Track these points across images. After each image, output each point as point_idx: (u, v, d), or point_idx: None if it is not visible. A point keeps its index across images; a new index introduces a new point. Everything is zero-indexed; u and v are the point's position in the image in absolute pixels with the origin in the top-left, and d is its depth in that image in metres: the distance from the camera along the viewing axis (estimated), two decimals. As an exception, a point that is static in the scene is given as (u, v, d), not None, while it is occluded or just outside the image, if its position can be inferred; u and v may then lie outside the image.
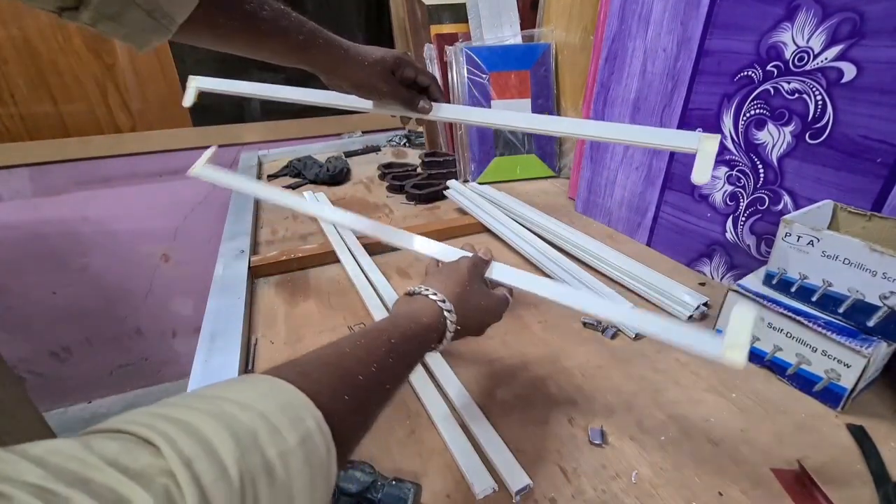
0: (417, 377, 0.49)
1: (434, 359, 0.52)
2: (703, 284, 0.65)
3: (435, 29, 1.14)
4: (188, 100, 0.69)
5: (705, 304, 0.59)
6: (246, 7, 0.43)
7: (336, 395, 0.26)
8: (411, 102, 0.55)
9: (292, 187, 1.10)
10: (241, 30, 0.45)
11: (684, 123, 0.66)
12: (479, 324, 0.41)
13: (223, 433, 0.19)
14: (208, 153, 0.61)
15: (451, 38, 1.11)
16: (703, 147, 0.41)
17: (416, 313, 0.36)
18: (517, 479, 0.38)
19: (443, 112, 0.57)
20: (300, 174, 1.16)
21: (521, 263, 0.72)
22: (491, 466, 0.40)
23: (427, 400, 0.46)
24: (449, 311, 0.37)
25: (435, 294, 0.38)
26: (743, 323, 0.33)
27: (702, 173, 0.41)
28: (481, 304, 0.41)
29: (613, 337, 0.55)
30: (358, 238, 0.78)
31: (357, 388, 0.28)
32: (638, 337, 0.55)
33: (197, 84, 0.70)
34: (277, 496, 0.19)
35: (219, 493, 0.17)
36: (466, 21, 1.11)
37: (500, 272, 0.45)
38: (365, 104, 0.58)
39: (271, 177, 1.18)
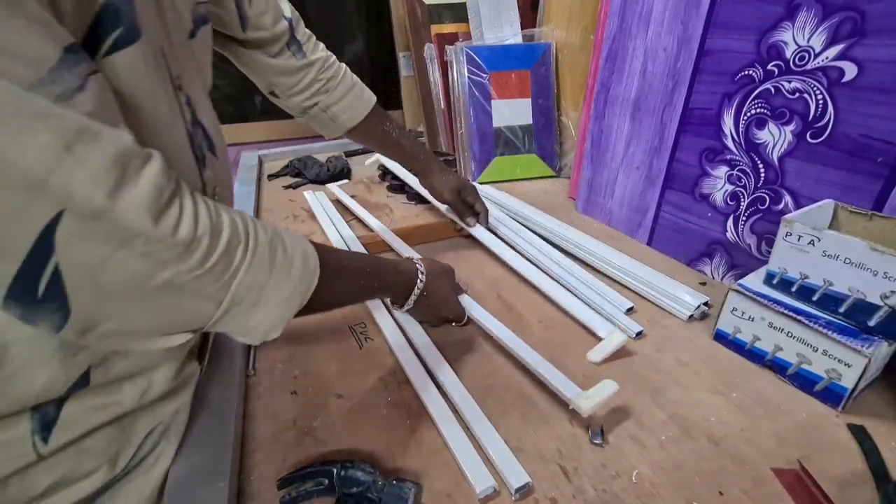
0: (417, 377, 0.49)
1: (434, 358, 0.52)
2: (703, 284, 0.65)
3: (435, 28, 1.14)
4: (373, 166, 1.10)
5: (706, 304, 0.59)
6: (384, 128, 0.70)
7: (331, 258, 0.39)
8: (462, 215, 0.77)
9: (293, 187, 1.10)
10: (377, 141, 0.72)
11: (685, 122, 0.66)
12: (437, 307, 0.55)
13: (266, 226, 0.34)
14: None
15: (452, 38, 1.11)
16: (610, 339, 0.53)
17: (402, 264, 0.53)
18: (517, 477, 0.38)
19: (477, 232, 0.76)
20: (300, 174, 1.15)
21: (506, 274, 0.72)
22: (491, 466, 0.40)
23: (427, 399, 0.46)
24: (421, 277, 0.52)
25: (419, 264, 0.53)
26: (605, 390, 0.43)
27: (596, 354, 0.52)
28: (444, 295, 0.56)
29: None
30: (358, 238, 0.78)
31: (345, 268, 0.43)
32: (639, 336, 0.56)
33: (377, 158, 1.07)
34: (289, 256, 0.33)
35: (262, 230, 0.32)
36: (467, 20, 1.11)
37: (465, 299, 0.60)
38: (436, 201, 0.81)
39: (272, 176, 1.17)
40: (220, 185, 0.40)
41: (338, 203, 0.96)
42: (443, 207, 0.80)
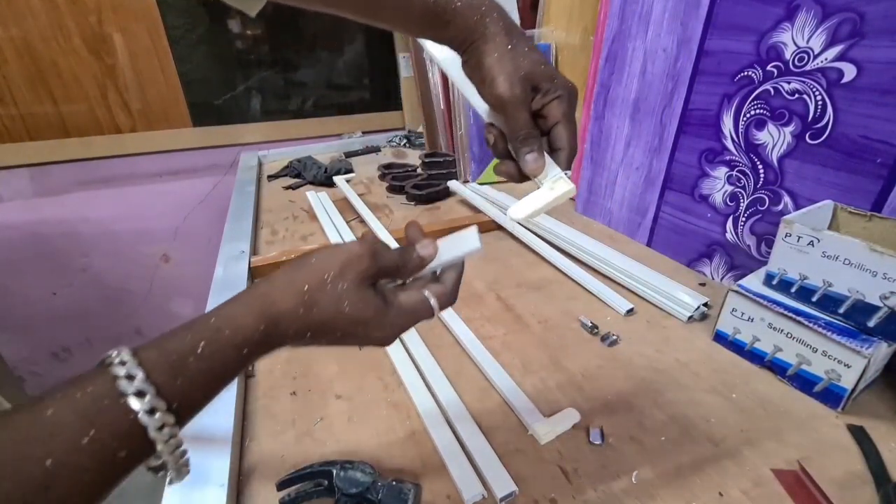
0: (410, 376, 0.49)
1: (425, 361, 0.52)
2: (703, 285, 0.65)
3: None
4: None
5: (705, 305, 0.59)
6: None
7: None
8: (522, 140, 0.35)
9: (292, 188, 1.10)
10: None
11: (684, 123, 0.66)
12: (338, 336, 0.30)
13: None
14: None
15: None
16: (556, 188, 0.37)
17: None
18: (503, 485, 0.38)
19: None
20: (300, 175, 1.16)
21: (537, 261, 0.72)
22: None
23: (420, 406, 0.46)
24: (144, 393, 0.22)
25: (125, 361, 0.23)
26: (566, 420, 0.41)
27: (518, 209, 0.37)
28: (344, 311, 0.29)
29: (612, 345, 0.55)
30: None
31: None
32: (629, 313, 0.55)
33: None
34: None
35: None
36: (466, 21, 1.11)
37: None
38: (479, 106, 0.38)
39: (271, 177, 1.17)
40: None
41: (339, 202, 0.96)
42: (485, 116, 0.37)
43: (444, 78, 1.07)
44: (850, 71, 0.48)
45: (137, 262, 1.45)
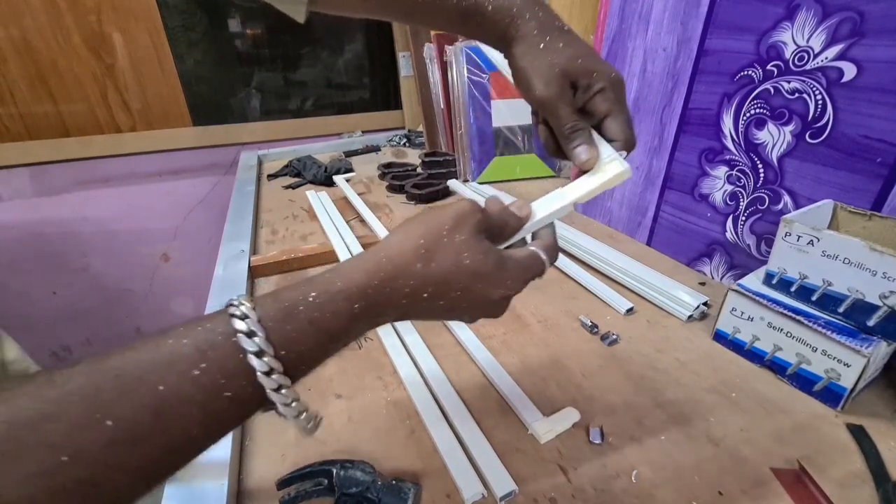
0: (410, 376, 0.49)
1: (425, 360, 0.52)
2: (703, 284, 0.65)
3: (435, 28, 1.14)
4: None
5: (705, 304, 0.59)
6: None
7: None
8: (568, 139, 0.35)
9: (292, 187, 1.10)
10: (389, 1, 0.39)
11: (684, 123, 0.66)
12: (456, 295, 0.28)
13: None
14: None
15: (451, 38, 1.11)
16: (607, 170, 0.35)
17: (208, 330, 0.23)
18: (503, 484, 0.38)
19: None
20: (300, 174, 1.16)
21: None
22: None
23: (420, 405, 0.46)
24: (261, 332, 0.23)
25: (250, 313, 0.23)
26: (566, 419, 0.42)
27: (568, 192, 0.36)
28: (464, 263, 0.27)
29: (612, 344, 0.55)
30: (358, 238, 0.78)
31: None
32: (629, 312, 0.56)
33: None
34: None
35: None
36: (466, 21, 1.11)
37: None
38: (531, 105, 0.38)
39: (271, 176, 1.17)
40: None
41: (339, 202, 0.96)
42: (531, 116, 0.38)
43: (444, 78, 1.08)
44: (850, 70, 0.48)
45: (137, 262, 1.45)
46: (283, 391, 0.23)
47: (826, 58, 0.50)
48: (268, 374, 0.23)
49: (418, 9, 0.38)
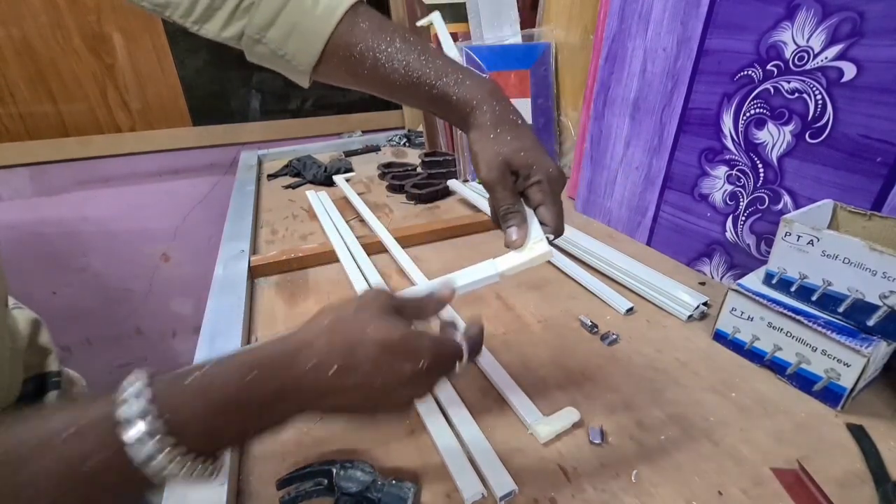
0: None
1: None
2: (703, 284, 0.65)
3: (435, 28, 1.14)
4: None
5: (705, 304, 0.59)
6: (380, 71, 0.43)
7: None
8: (504, 213, 0.39)
9: (292, 187, 1.10)
10: (374, 83, 0.45)
11: (684, 122, 0.66)
12: (364, 371, 0.27)
13: None
14: None
15: (451, 38, 1.11)
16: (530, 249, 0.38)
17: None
18: (503, 484, 0.38)
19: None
20: (300, 174, 1.15)
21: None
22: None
23: (419, 405, 0.46)
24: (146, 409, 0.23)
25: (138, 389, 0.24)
26: (566, 418, 0.43)
27: (500, 262, 0.39)
28: (368, 334, 0.27)
29: (612, 344, 0.55)
30: (357, 238, 0.78)
31: None
32: (629, 312, 0.56)
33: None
34: None
35: None
36: (466, 20, 1.11)
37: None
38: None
39: (271, 176, 1.17)
40: None
41: (338, 202, 0.96)
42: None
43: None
44: (849, 70, 0.48)
45: (137, 262, 1.45)
46: (158, 439, 0.23)
47: (826, 58, 0.50)
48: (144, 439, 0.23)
49: (398, 91, 0.44)
